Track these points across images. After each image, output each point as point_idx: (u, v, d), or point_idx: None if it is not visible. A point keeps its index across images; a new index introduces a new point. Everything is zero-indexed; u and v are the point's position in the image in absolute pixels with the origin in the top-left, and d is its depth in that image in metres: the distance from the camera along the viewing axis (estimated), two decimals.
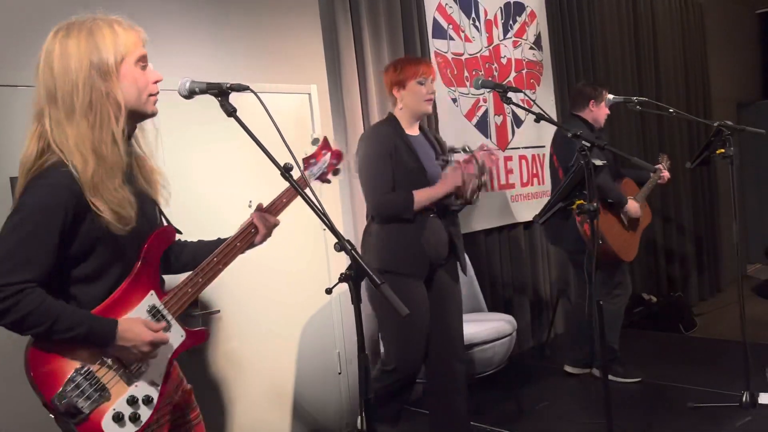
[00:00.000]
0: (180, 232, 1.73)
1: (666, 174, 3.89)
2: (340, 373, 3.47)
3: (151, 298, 1.54)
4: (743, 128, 3.11)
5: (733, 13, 7.35)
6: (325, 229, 3.31)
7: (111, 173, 1.43)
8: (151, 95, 1.56)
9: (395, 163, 2.66)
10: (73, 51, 1.43)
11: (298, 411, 3.28)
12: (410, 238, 2.65)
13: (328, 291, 1.55)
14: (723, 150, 3.04)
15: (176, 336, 1.59)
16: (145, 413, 1.47)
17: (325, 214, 1.49)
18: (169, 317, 1.57)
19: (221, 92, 1.59)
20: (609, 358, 3.75)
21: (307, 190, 1.53)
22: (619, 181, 3.86)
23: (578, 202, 2.42)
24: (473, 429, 3.31)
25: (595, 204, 2.29)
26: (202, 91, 1.61)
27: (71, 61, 1.42)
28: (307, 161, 1.89)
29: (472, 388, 3.76)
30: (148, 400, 1.49)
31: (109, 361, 1.44)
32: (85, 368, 1.40)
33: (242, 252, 1.77)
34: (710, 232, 6.33)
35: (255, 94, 1.57)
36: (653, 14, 5.81)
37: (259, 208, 1.81)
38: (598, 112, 3.82)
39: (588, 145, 2.23)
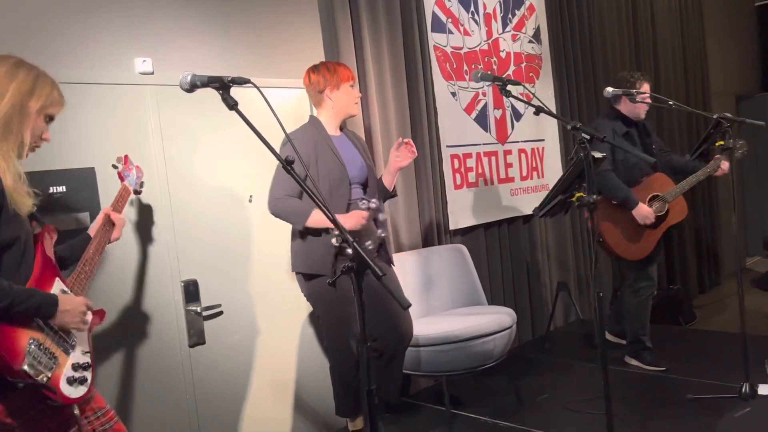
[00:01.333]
0: (56, 229, 1.92)
1: (725, 165, 3.55)
2: None
3: (59, 284, 1.75)
4: (743, 120, 3.11)
5: (732, 5, 7.34)
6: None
7: (13, 174, 1.65)
8: (35, 146, 1.80)
9: (317, 163, 2.77)
10: (15, 82, 1.69)
11: (299, 404, 3.30)
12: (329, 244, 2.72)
13: (331, 284, 1.56)
14: (722, 142, 3.04)
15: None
16: (86, 376, 1.71)
17: (326, 207, 1.50)
18: None
19: (223, 85, 1.61)
20: (638, 347, 3.86)
21: (308, 183, 1.53)
22: (648, 176, 3.70)
23: (578, 194, 2.42)
24: (473, 421, 3.33)
25: (594, 196, 2.30)
26: (204, 85, 1.63)
27: (10, 89, 1.68)
28: (121, 174, 2.29)
29: (472, 380, 3.79)
30: (87, 366, 1.73)
31: (50, 332, 1.65)
32: (36, 339, 1.59)
33: (107, 243, 2.04)
34: (710, 225, 6.34)
35: (256, 87, 1.57)
36: (652, 6, 5.80)
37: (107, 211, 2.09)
38: (633, 105, 3.68)
39: (587, 137, 2.24)
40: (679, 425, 3.02)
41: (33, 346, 1.56)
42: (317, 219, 2.68)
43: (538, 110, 2.42)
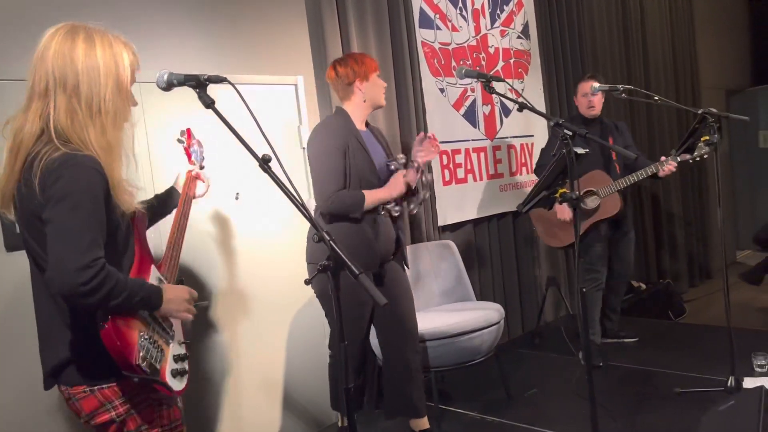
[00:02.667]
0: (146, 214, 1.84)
1: (668, 167, 3.59)
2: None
3: (155, 272, 1.67)
4: (727, 115, 3.12)
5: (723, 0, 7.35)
6: None
7: (120, 170, 1.54)
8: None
9: (347, 158, 2.68)
10: (100, 57, 1.51)
11: (288, 402, 3.30)
12: (362, 236, 2.68)
13: (307, 282, 1.56)
14: (708, 137, 3.05)
15: None
16: (186, 367, 1.66)
17: (303, 206, 1.50)
18: None
19: (199, 84, 1.60)
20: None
21: (286, 182, 1.53)
22: (587, 172, 3.83)
23: (561, 190, 2.43)
24: (462, 417, 3.34)
25: (577, 192, 2.30)
26: (180, 83, 1.62)
27: (100, 67, 1.50)
28: (187, 150, 2.20)
29: (460, 376, 3.80)
30: (185, 357, 1.67)
31: (155, 324, 1.59)
32: (145, 333, 1.52)
33: (194, 198, 2.04)
34: (699, 219, 6.36)
35: (232, 85, 1.57)
36: (642, 1, 5.80)
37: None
38: (584, 104, 3.91)
39: (569, 134, 2.24)
40: (666, 418, 3.04)
41: (144, 340, 1.51)
42: (370, 199, 2.65)
43: (522, 106, 2.43)
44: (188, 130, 2.25)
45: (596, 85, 3.34)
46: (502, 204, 4.50)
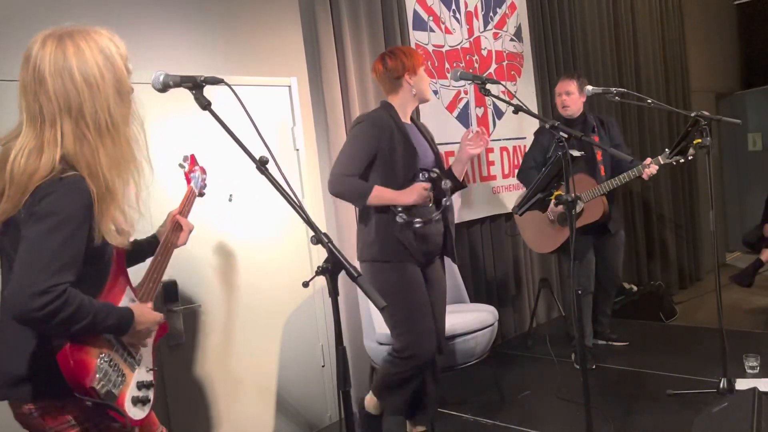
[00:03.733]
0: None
1: (648, 170, 3.56)
2: (323, 366, 3.47)
3: (129, 293, 1.65)
4: (720, 118, 3.13)
5: (712, 4, 7.42)
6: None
7: (121, 191, 1.49)
8: None
9: (389, 149, 2.67)
10: (92, 61, 1.45)
11: (281, 404, 3.28)
12: (411, 232, 2.69)
13: (305, 284, 1.55)
14: (700, 140, 3.06)
15: None
16: (150, 396, 1.60)
17: (301, 208, 1.49)
18: None
19: (195, 85, 1.59)
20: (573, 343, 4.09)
21: (283, 184, 1.52)
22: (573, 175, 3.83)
23: (556, 193, 2.43)
24: (456, 419, 3.34)
25: (573, 195, 2.31)
26: (176, 85, 1.61)
27: (96, 74, 1.45)
28: (187, 175, 2.18)
29: (454, 378, 3.80)
30: (149, 385, 1.61)
31: (119, 347, 1.54)
32: (106, 356, 1.48)
33: (175, 248, 1.93)
34: (690, 222, 6.41)
35: (230, 87, 1.56)
36: (632, 5, 5.85)
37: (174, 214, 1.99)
38: (559, 105, 3.94)
39: (565, 136, 2.25)
40: (658, 420, 3.05)
41: (104, 363, 1.46)
42: (377, 195, 2.63)
43: (517, 109, 2.43)
44: (192, 156, 2.21)
45: (590, 87, 3.35)
46: (496, 206, 4.51)
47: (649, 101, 3.20)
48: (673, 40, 6.35)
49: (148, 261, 1.86)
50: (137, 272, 1.80)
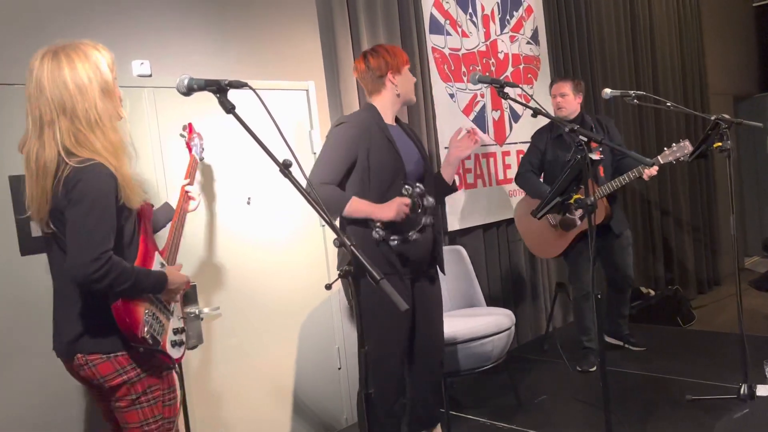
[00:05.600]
0: (153, 206, 2.13)
1: (650, 171, 3.51)
2: (339, 369, 3.48)
3: (159, 257, 1.93)
4: (740, 121, 3.11)
5: (731, 6, 7.35)
6: (323, 225, 3.32)
7: (128, 167, 1.79)
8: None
9: (370, 154, 2.53)
10: (83, 72, 1.73)
11: (298, 406, 3.30)
12: (388, 248, 2.55)
13: (328, 287, 1.56)
14: (720, 143, 3.03)
15: None
16: (183, 339, 1.97)
17: (324, 210, 1.50)
18: None
19: (220, 89, 1.61)
20: (580, 348, 4.05)
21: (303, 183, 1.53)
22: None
23: (576, 196, 2.42)
24: (472, 423, 3.33)
25: (592, 198, 2.30)
26: (201, 88, 1.63)
27: (85, 82, 1.72)
28: (188, 144, 2.46)
29: (470, 382, 3.79)
30: (182, 330, 1.97)
31: (158, 302, 1.86)
32: (149, 310, 1.80)
33: (186, 214, 2.25)
34: (708, 226, 6.34)
35: (254, 91, 1.57)
36: (650, 8, 5.81)
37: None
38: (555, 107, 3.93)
39: (584, 140, 2.24)
40: (677, 426, 3.02)
41: (149, 316, 1.78)
42: (354, 207, 2.48)
43: (536, 112, 2.43)
44: (189, 124, 2.41)
45: (608, 90, 3.32)
46: (512, 209, 4.49)
47: (668, 104, 3.18)
48: (690, 41, 6.30)
49: (166, 231, 2.15)
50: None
